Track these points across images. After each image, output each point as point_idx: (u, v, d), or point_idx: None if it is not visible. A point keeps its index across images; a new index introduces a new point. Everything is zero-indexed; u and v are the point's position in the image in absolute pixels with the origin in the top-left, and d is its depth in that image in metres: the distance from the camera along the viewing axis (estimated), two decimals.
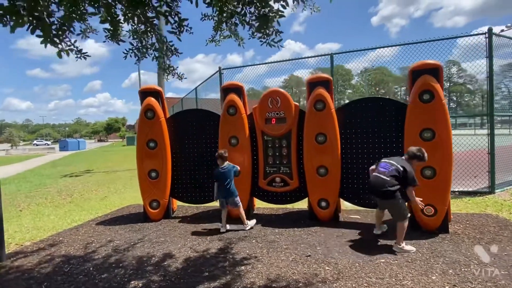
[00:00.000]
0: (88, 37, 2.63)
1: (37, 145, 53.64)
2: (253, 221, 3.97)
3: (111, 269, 2.88)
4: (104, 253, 3.29)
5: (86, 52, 2.31)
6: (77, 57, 2.32)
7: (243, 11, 2.36)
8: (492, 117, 5.09)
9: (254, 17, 2.28)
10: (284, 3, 2.00)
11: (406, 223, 3.02)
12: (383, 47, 6.18)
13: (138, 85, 29.50)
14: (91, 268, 2.92)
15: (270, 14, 2.11)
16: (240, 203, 3.88)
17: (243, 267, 2.80)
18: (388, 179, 2.99)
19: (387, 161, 3.15)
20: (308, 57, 6.67)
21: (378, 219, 3.53)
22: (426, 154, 3.06)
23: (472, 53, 5.44)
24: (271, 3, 2.10)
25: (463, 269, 2.59)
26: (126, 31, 2.86)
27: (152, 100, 4.34)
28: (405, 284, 2.41)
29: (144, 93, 4.40)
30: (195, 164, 4.61)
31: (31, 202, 6.44)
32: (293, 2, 2.10)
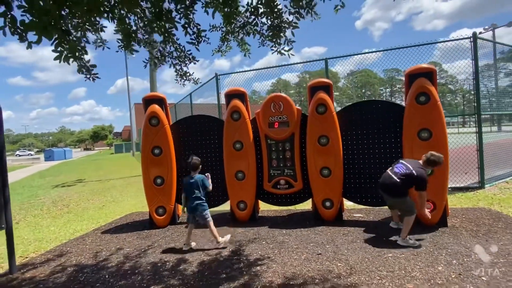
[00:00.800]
0: (104, 47, 2.68)
1: (20, 155, 51.88)
2: (228, 236, 3.56)
3: (128, 276, 2.91)
4: (116, 261, 3.31)
5: (97, 74, 2.35)
6: (86, 77, 2.36)
7: (254, 21, 2.48)
8: (480, 116, 5.39)
9: (266, 27, 2.40)
10: (298, 15, 2.13)
11: (413, 218, 3.17)
12: (375, 51, 6.45)
13: (127, 91, 29.13)
14: (106, 276, 2.94)
15: (283, 24, 2.23)
16: (210, 217, 3.51)
17: (258, 267, 2.89)
18: (398, 180, 3.15)
19: (404, 163, 3.28)
20: (305, 62, 6.86)
21: (395, 214, 3.69)
22: (442, 159, 3.19)
23: (452, 55, 5.77)
24: (285, 14, 2.23)
25: (465, 259, 2.76)
26: (137, 43, 2.93)
27: (156, 107, 4.39)
28: (414, 275, 2.55)
29: (148, 101, 4.44)
30: None
31: (27, 214, 6.30)
32: (307, 14, 2.24)
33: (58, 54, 2.11)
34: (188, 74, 2.91)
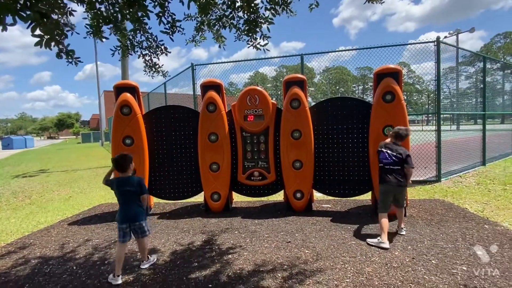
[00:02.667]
0: (73, 32, 2.55)
1: None
2: (154, 256, 2.97)
3: (96, 267, 2.86)
4: (84, 252, 3.23)
5: (79, 58, 2.25)
6: (68, 61, 2.25)
7: (231, 15, 2.49)
8: (440, 115, 5.83)
9: (242, 21, 2.43)
10: (274, 11, 2.18)
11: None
12: (350, 49, 6.69)
13: (96, 77, 27.61)
14: (74, 267, 2.87)
15: (259, 19, 2.28)
16: (149, 232, 2.79)
17: (230, 256, 2.98)
18: (400, 167, 3.24)
19: (388, 152, 3.27)
20: (282, 57, 6.95)
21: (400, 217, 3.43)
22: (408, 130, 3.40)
23: (420, 57, 6.17)
24: (261, 10, 2.27)
25: (419, 245, 3.05)
26: (108, 28, 2.83)
27: (128, 96, 4.27)
28: (374, 260, 2.78)
29: (120, 89, 4.30)
30: (173, 161, 4.64)
31: None
32: (282, 11, 2.30)
33: (38, 39, 1.99)
34: (157, 66, 2.85)
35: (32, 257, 3.16)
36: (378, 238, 3.14)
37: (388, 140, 3.47)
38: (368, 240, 3.18)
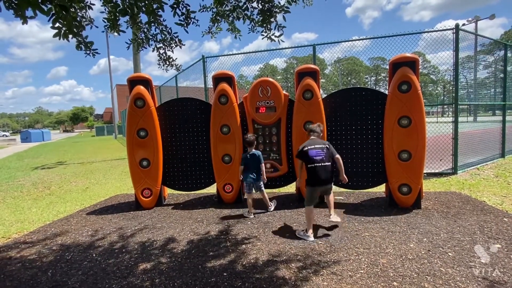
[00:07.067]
0: (92, 26, 2.59)
1: None
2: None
3: (115, 254, 2.96)
4: (103, 241, 3.34)
5: (97, 49, 2.28)
6: (86, 53, 2.28)
7: (245, 6, 2.46)
8: (457, 106, 5.65)
9: (256, 12, 2.40)
10: (290, 0, 2.14)
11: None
12: (363, 39, 6.53)
13: (109, 71, 28.03)
14: (94, 255, 2.98)
15: (274, 9, 2.24)
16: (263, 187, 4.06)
17: (244, 246, 3.02)
18: (330, 163, 3.25)
19: (315, 147, 3.25)
20: (294, 47, 6.85)
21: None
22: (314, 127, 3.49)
23: (436, 46, 5.94)
24: None
25: (435, 237, 3.00)
26: (124, 21, 2.85)
27: (141, 88, 4.32)
28: (388, 252, 2.76)
29: (133, 82, 4.35)
30: (186, 152, 4.69)
31: (6, 196, 6.13)
32: None
33: (57, 31, 2.03)
34: (171, 59, 2.86)
35: (54, 245, 3.29)
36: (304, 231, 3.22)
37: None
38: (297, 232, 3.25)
